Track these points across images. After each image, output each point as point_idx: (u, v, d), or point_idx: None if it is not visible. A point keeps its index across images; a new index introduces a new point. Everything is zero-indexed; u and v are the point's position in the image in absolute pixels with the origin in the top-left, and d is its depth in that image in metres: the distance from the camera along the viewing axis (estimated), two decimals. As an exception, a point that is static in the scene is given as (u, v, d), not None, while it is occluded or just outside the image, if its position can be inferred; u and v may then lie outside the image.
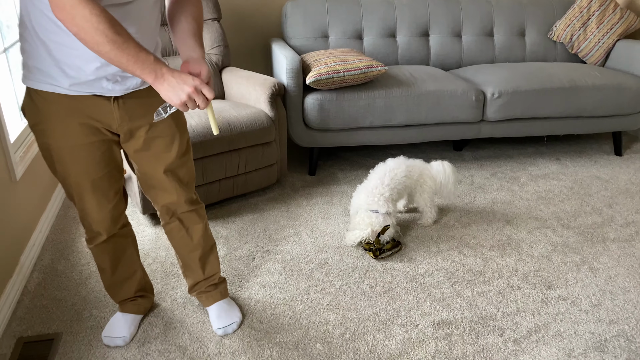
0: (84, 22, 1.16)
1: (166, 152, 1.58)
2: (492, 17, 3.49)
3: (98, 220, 1.60)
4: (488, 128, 3.12)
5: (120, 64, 1.22)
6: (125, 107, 1.46)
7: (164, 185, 1.64)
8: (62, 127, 1.41)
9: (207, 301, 1.91)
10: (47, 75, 1.35)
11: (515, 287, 2.13)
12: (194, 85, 1.26)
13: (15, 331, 1.86)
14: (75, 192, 1.54)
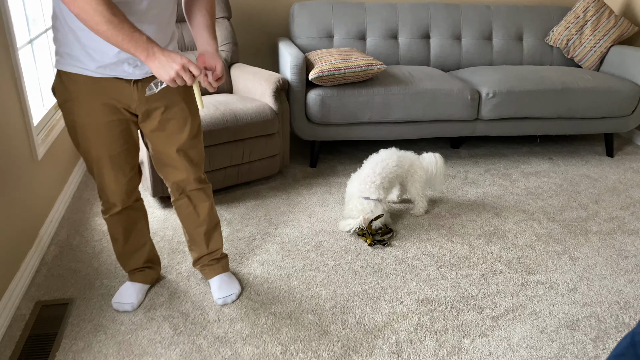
0: (84, 4, 1.32)
1: (179, 133, 1.74)
2: (491, 21, 3.64)
3: (114, 192, 1.78)
4: (483, 126, 3.26)
5: (117, 42, 1.37)
6: (143, 90, 1.63)
7: (175, 164, 1.80)
8: (87, 106, 1.59)
9: (210, 274, 2.08)
10: (76, 59, 1.53)
11: (498, 271, 2.27)
12: (182, 64, 1.40)
13: (33, 295, 2.04)
14: (95, 166, 1.71)
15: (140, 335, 1.85)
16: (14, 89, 2.11)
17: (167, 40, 1.62)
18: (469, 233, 2.56)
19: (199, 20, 1.63)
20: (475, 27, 3.61)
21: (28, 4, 2.53)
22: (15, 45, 2.13)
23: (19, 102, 2.15)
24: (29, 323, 1.90)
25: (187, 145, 1.78)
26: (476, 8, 3.63)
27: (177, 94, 1.70)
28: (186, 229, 2.01)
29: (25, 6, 2.47)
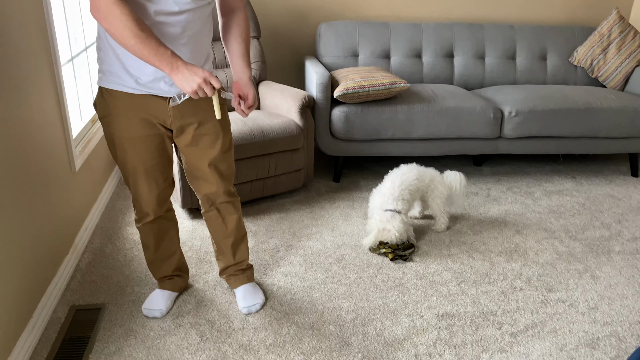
0: (115, 19, 1.42)
1: (211, 148, 1.84)
2: (515, 41, 3.68)
3: (147, 202, 1.87)
4: (505, 144, 3.29)
5: (143, 56, 1.47)
6: (178, 107, 1.73)
7: (206, 177, 1.90)
8: (125, 121, 1.70)
9: (235, 283, 2.15)
10: (116, 76, 1.64)
11: (518, 288, 2.29)
12: (204, 77, 1.49)
13: (68, 300, 2.14)
14: (130, 176, 1.82)
15: (168, 341, 1.93)
16: (57, 104, 2.24)
17: (202, 61, 1.72)
18: (490, 250, 2.59)
19: (234, 48, 1.75)
20: (498, 46, 3.66)
21: (71, 24, 2.68)
22: (59, 62, 2.26)
23: (60, 115, 2.28)
24: (64, 326, 2.00)
25: (218, 160, 1.87)
26: (500, 28, 3.68)
27: (210, 111, 1.79)
28: (214, 240, 2.09)
29: (68, 26, 2.62)
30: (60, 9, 2.54)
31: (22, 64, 1.91)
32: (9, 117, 1.79)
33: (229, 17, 1.78)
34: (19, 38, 1.90)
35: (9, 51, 1.81)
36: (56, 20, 2.39)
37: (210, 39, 1.76)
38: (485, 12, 3.86)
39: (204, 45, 1.72)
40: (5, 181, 1.75)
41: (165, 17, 1.56)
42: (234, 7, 1.77)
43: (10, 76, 1.81)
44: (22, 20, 1.93)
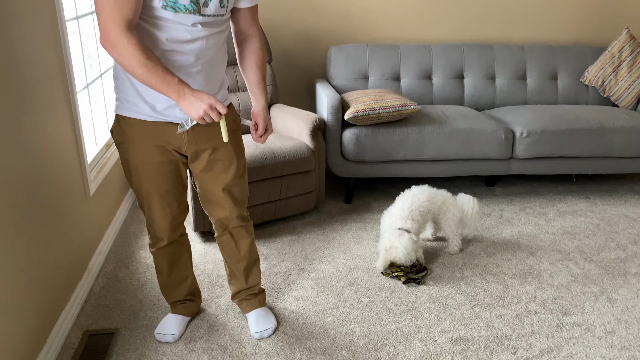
0: (123, 49, 1.46)
1: (224, 173, 1.86)
2: (525, 61, 3.69)
3: (161, 227, 1.89)
4: (517, 165, 3.28)
5: (151, 84, 1.50)
6: (193, 133, 1.75)
7: (220, 202, 1.91)
8: (141, 147, 1.73)
9: (247, 308, 2.15)
10: (132, 104, 1.67)
11: (533, 311, 2.27)
12: (209, 103, 1.52)
13: (82, 324, 2.15)
14: (145, 201, 1.84)
15: (180, 366, 1.93)
16: (72, 129, 2.28)
17: (217, 88, 1.75)
18: (503, 272, 2.56)
19: (250, 76, 1.80)
20: (509, 67, 3.67)
21: (86, 51, 2.74)
22: (75, 89, 2.31)
23: (76, 141, 2.32)
24: (77, 351, 2.01)
25: (231, 185, 1.89)
26: (510, 49, 3.70)
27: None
28: (227, 264, 2.10)
29: (84, 53, 2.68)
30: (77, 37, 2.60)
31: (39, 91, 1.96)
32: (27, 142, 1.83)
33: (244, 46, 1.82)
34: (38, 66, 1.95)
35: (28, 79, 1.85)
36: (72, 48, 2.45)
37: (224, 66, 1.79)
38: (494, 34, 3.88)
39: (218, 72, 1.74)
40: (22, 206, 1.78)
41: (177, 45, 1.59)
42: (248, 35, 1.81)
43: (28, 103, 1.85)
44: (41, 49, 1.98)
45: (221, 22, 1.67)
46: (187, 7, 1.54)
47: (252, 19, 1.78)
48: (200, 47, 1.63)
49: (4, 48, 1.69)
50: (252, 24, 1.79)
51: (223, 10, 1.64)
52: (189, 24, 1.57)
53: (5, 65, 1.69)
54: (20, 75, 1.80)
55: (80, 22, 2.68)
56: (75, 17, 2.58)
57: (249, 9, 1.75)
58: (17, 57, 1.79)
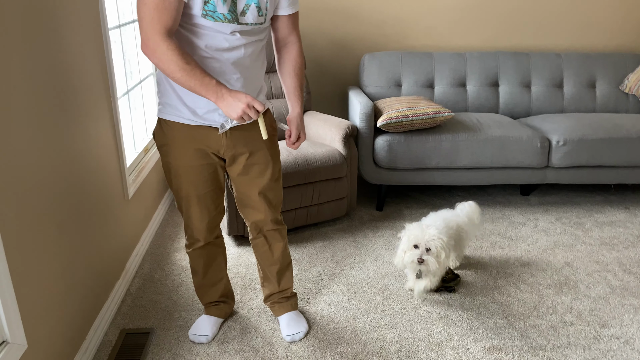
0: (162, 55, 1.51)
1: (260, 177, 1.89)
2: (562, 69, 3.63)
3: (198, 228, 1.94)
4: (553, 174, 3.22)
5: (190, 87, 1.55)
6: (231, 137, 1.80)
7: (255, 205, 1.95)
8: (181, 150, 1.78)
9: (279, 311, 2.18)
10: (174, 108, 1.73)
11: (569, 323, 2.22)
12: (246, 102, 1.55)
13: (119, 324, 2.21)
14: (184, 203, 1.89)
15: (213, 367, 1.96)
16: (113, 135, 2.36)
17: (255, 94, 1.79)
18: (538, 282, 2.52)
19: (287, 83, 1.84)
20: (545, 75, 3.62)
21: (127, 61, 2.83)
22: (116, 95, 2.39)
23: (116, 146, 2.40)
24: (114, 349, 2.06)
25: (267, 188, 1.92)
26: (546, 56, 3.65)
27: (261, 141, 1.85)
28: (260, 266, 2.14)
29: (125, 61, 2.77)
30: (119, 45, 2.70)
31: (84, 97, 2.04)
32: (72, 146, 1.90)
33: (283, 52, 1.85)
34: (83, 73, 2.03)
35: (73, 85, 1.93)
36: (115, 56, 2.54)
37: (263, 72, 1.82)
38: (530, 41, 3.83)
39: (256, 79, 1.78)
40: (67, 207, 1.85)
41: (216, 52, 1.63)
42: (288, 42, 1.84)
43: (73, 108, 1.93)
44: (86, 56, 2.07)
45: (260, 31, 1.70)
46: (225, 16, 1.59)
47: (292, 26, 1.81)
48: (239, 55, 1.67)
49: (52, 56, 1.77)
50: (292, 32, 1.82)
51: (262, 18, 1.67)
52: (228, 32, 1.61)
53: (53, 72, 1.77)
54: (66, 81, 1.88)
55: (121, 30, 2.77)
56: (118, 26, 2.67)
57: (289, 16, 1.78)
58: (64, 65, 1.87)
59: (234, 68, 1.68)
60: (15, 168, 1.52)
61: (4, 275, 1.43)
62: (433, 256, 2.19)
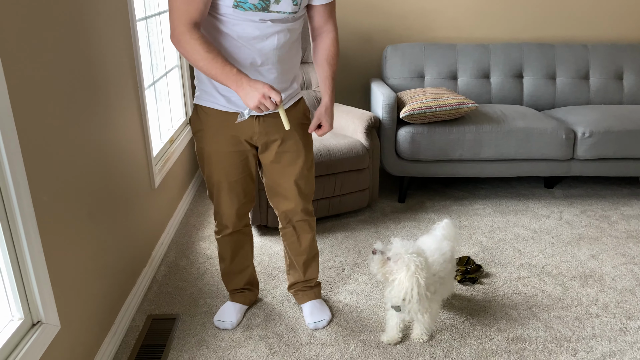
0: (186, 44, 1.57)
1: (292, 165, 1.91)
2: (588, 60, 3.58)
3: (228, 215, 1.97)
4: (578, 166, 3.18)
5: (212, 75, 1.59)
6: (264, 124, 1.82)
7: (286, 194, 1.97)
8: (215, 136, 1.82)
9: (302, 299, 2.20)
10: (210, 95, 1.78)
11: (594, 314, 2.20)
12: (262, 92, 1.55)
13: (146, 309, 2.26)
14: (215, 189, 1.93)
15: (238, 352, 1.99)
16: (140, 125, 2.41)
17: (288, 84, 1.82)
18: (562, 274, 2.49)
19: (319, 72, 1.84)
20: (570, 66, 3.57)
21: (153, 53, 2.88)
22: (143, 86, 2.43)
23: (143, 136, 2.44)
24: (141, 334, 2.11)
25: (298, 177, 1.94)
26: (572, 48, 3.60)
27: (293, 129, 1.87)
28: (288, 254, 2.17)
29: (151, 54, 2.82)
30: (145, 39, 2.74)
31: (112, 88, 2.08)
32: (101, 135, 1.95)
33: (318, 41, 1.86)
34: (111, 64, 2.07)
35: (102, 75, 1.97)
36: (141, 49, 2.58)
37: (297, 61, 1.83)
38: (555, 32, 3.78)
39: (290, 68, 1.79)
40: (96, 197, 1.89)
41: (247, 41, 1.65)
42: (323, 32, 1.84)
43: (103, 101, 1.97)
44: (114, 47, 2.11)
45: (294, 19, 1.71)
46: (255, 6, 1.61)
47: (328, 16, 1.81)
48: (271, 44, 1.68)
49: (82, 47, 1.81)
50: (328, 21, 1.82)
51: (296, 7, 1.68)
52: (257, 19, 1.63)
53: (83, 63, 1.81)
54: (97, 73, 1.92)
55: (148, 22, 2.82)
56: (144, 18, 2.71)
57: (325, 6, 1.78)
58: (94, 56, 1.91)
59: (266, 57, 1.69)
60: (49, 156, 1.56)
61: (39, 258, 1.48)
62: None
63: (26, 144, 1.43)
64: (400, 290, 1.82)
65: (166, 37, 3.12)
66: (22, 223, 1.40)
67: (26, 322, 1.48)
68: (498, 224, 3.01)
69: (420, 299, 1.84)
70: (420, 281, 1.80)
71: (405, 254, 1.81)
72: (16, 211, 1.39)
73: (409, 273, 1.80)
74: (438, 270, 1.96)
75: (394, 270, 1.83)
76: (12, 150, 1.36)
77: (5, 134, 1.33)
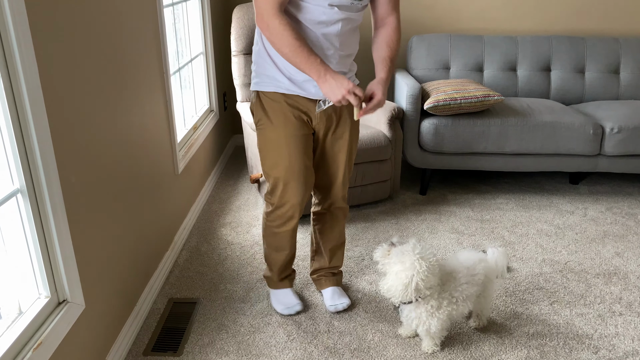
0: (274, 29, 1.61)
1: (341, 152, 1.96)
2: (619, 55, 3.49)
3: (295, 203, 1.95)
4: (605, 162, 3.12)
5: (295, 63, 1.63)
6: (325, 110, 1.84)
7: (332, 180, 2.03)
8: (283, 119, 1.82)
9: (324, 284, 2.23)
10: (273, 79, 1.79)
11: (617, 313, 2.16)
12: (348, 89, 1.60)
13: (167, 293, 2.30)
14: (282, 177, 1.89)
15: (257, 338, 2.02)
16: (165, 110, 2.43)
17: (347, 68, 1.85)
18: (586, 271, 2.46)
19: (379, 53, 1.81)
20: (600, 60, 3.49)
21: (179, 40, 2.90)
22: (169, 72, 2.45)
23: (168, 121, 2.47)
24: (163, 316, 2.15)
25: (346, 164, 1.99)
26: (603, 41, 3.51)
27: (345, 118, 1.91)
28: (316, 240, 2.20)
29: (177, 41, 2.84)
30: (172, 25, 2.76)
31: (140, 72, 2.10)
32: (128, 122, 1.98)
33: (380, 30, 1.86)
34: (139, 49, 2.09)
35: (130, 60, 2.00)
36: (168, 35, 2.60)
37: (355, 51, 1.86)
38: (587, 25, 3.69)
39: (349, 56, 1.82)
40: (122, 181, 1.92)
41: (315, 25, 1.69)
42: (386, 22, 1.84)
43: (130, 86, 2.00)
44: (142, 32, 2.13)
45: (359, 9, 1.75)
46: None
47: (393, 7, 1.83)
48: (336, 29, 1.72)
49: (111, 32, 1.84)
50: (392, 12, 1.83)
51: None
52: (326, 4, 1.66)
53: (111, 49, 1.84)
54: (123, 57, 1.94)
55: (174, 9, 2.83)
56: (172, 4, 2.73)
57: None
58: (122, 42, 1.93)
59: (330, 42, 1.72)
60: (77, 138, 1.59)
61: (66, 239, 1.51)
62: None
63: (55, 126, 1.46)
64: (386, 284, 1.79)
65: (192, 23, 3.14)
66: (50, 204, 1.43)
67: (52, 301, 1.52)
68: (521, 218, 2.97)
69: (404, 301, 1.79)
70: (408, 282, 1.74)
71: (411, 252, 1.75)
72: (45, 191, 1.42)
73: (400, 270, 1.75)
74: (453, 287, 1.84)
75: (391, 263, 1.79)
76: (42, 132, 1.38)
77: (36, 116, 1.35)
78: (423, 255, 1.76)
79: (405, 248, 1.78)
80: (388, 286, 1.78)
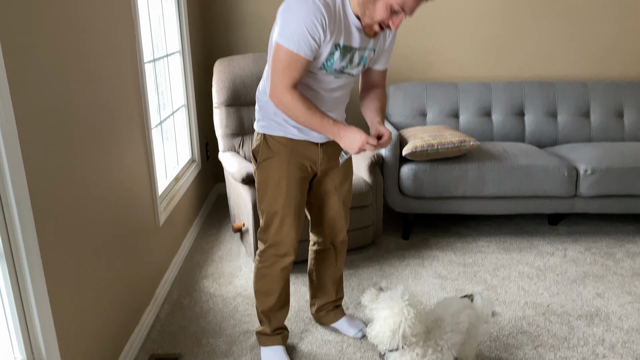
0: (287, 103, 1.74)
1: (342, 188, 2.09)
2: (588, 98, 3.62)
3: (290, 241, 2.01)
4: (582, 203, 3.19)
5: (310, 126, 1.79)
6: (326, 151, 1.98)
7: (337, 216, 2.13)
8: (286, 163, 1.93)
9: (334, 318, 2.34)
10: (281, 126, 1.91)
11: (601, 355, 2.17)
12: (362, 141, 1.72)
13: (149, 349, 2.25)
14: (278, 217, 1.97)
15: (240, 393, 1.97)
16: (146, 163, 2.45)
17: (340, 118, 2.01)
18: (567, 313, 2.47)
19: (371, 106, 1.95)
20: (571, 104, 3.61)
21: (160, 93, 2.95)
22: (150, 126, 2.48)
23: (149, 174, 2.48)
24: (143, 374, 2.10)
25: (346, 199, 2.13)
26: (572, 85, 3.65)
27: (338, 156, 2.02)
28: (319, 278, 2.28)
29: (159, 95, 2.89)
30: (153, 79, 2.81)
31: (121, 129, 2.13)
32: (109, 173, 1.99)
33: (370, 92, 2.01)
34: (120, 104, 2.13)
35: (111, 114, 2.02)
36: (149, 89, 2.65)
37: (345, 106, 2.02)
38: (555, 70, 3.85)
39: (342, 110, 2.01)
40: (102, 235, 1.92)
41: (323, 91, 1.86)
42: (374, 85, 2.02)
43: (111, 140, 2.02)
44: (123, 87, 2.17)
45: (354, 79, 1.94)
46: (336, 70, 1.81)
47: (383, 78, 2.03)
48: (340, 93, 1.91)
49: (92, 88, 1.87)
50: (382, 81, 2.03)
51: (362, 69, 1.91)
52: (332, 77, 1.84)
53: (92, 102, 1.87)
54: (104, 112, 1.97)
55: (155, 64, 2.89)
56: (152, 60, 2.79)
57: (381, 71, 2.00)
58: (103, 96, 1.97)
59: (331, 103, 1.89)
60: (56, 195, 1.60)
61: (43, 299, 1.49)
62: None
63: (34, 185, 1.47)
64: (373, 330, 1.78)
65: (174, 77, 3.20)
66: (28, 266, 1.42)
67: (28, 363, 1.48)
68: (502, 261, 3.00)
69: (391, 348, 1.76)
70: (396, 329, 1.72)
71: (399, 298, 1.74)
72: (22, 254, 1.41)
73: (389, 316, 1.73)
74: (438, 335, 1.81)
75: (379, 308, 1.79)
76: (20, 190, 1.39)
77: (14, 174, 1.36)
78: (411, 302, 1.76)
79: (394, 294, 1.78)
80: (375, 332, 1.77)
